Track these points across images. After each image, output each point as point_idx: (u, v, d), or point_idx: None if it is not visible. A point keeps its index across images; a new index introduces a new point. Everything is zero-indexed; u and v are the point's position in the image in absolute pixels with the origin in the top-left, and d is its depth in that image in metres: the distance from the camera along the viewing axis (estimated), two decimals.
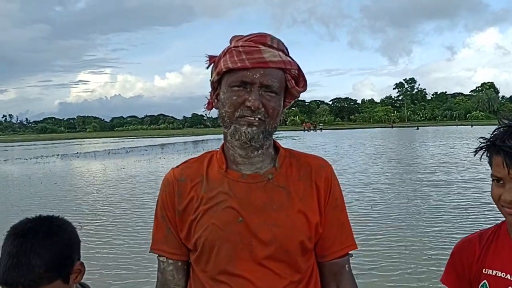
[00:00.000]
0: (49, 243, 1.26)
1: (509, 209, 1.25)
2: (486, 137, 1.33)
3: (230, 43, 1.29)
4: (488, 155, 1.32)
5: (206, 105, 1.39)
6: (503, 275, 1.31)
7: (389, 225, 8.00)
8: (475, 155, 1.35)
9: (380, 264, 5.97)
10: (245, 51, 1.23)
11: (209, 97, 1.37)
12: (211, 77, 1.32)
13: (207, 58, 1.34)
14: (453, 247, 1.46)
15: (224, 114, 1.27)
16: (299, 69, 1.30)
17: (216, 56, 1.31)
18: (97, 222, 9.30)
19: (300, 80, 1.32)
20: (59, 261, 1.27)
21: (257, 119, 1.23)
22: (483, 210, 8.73)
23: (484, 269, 1.34)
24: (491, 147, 1.29)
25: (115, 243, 7.57)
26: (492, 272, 1.32)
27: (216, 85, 1.31)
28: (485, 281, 1.34)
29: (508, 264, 1.31)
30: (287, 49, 1.30)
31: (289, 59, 1.28)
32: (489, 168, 1.31)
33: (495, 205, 1.31)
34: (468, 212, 8.68)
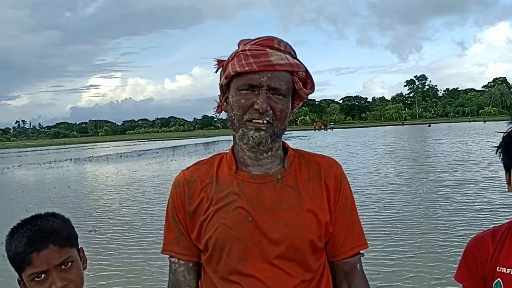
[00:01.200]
0: (60, 219, 1.39)
1: None
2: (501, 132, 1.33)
3: (238, 47, 1.31)
4: (503, 153, 1.32)
5: (216, 108, 1.41)
6: None
7: (403, 225, 7.93)
8: (497, 152, 1.36)
9: (394, 264, 5.93)
10: (253, 55, 1.24)
11: (218, 101, 1.39)
12: (220, 81, 1.34)
13: (216, 62, 1.36)
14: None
15: (233, 117, 1.28)
16: (306, 71, 1.31)
17: (225, 60, 1.33)
18: (110, 226, 9.38)
19: (307, 82, 1.33)
20: (72, 231, 1.39)
21: (265, 121, 1.25)
22: (499, 211, 8.53)
23: (498, 267, 1.33)
24: None
25: (128, 245, 7.63)
26: (506, 270, 1.32)
27: (225, 88, 1.33)
28: (499, 279, 1.33)
29: None
30: (294, 52, 1.31)
31: (296, 61, 1.29)
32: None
33: None
34: (484, 213, 8.49)
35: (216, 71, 1.36)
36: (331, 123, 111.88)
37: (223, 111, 1.38)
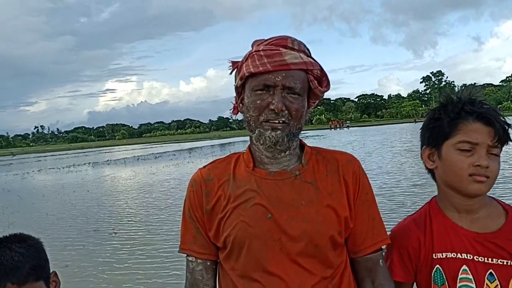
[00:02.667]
0: (25, 245, 1.29)
1: (480, 176, 1.24)
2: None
3: (252, 47, 1.32)
4: (443, 123, 1.31)
5: (232, 110, 1.41)
6: (454, 255, 1.30)
7: None
8: (429, 126, 1.36)
9: None
10: (267, 55, 1.25)
11: (234, 102, 1.39)
12: (235, 82, 1.34)
13: (230, 64, 1.36)
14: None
15: (249, 118, 1.29)
16: (321, 69, 1.31)
17: (239, 61, 1.33)
18: (129, 228, 9.43)
19: (323, 80, 1.33)
20: (39, 261, 1.29)
21: (281, 122, 1.25)
22: None
23: (434, 254, 1.33)
24: (462, 112, 1.28)
25: (147, 247, 7.67)
26: (443, 255, 1.32)
27: (240, 89, 1.33)
28: (437, 266, 1.33)
29: (455, 243, 1.31)
30: (308, 50, 1.31)
31: (311, 60, 1.29)
32: None
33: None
34: None
35: (230, 73, 1.36)
36: (347, 121, 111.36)
37: (239, 113, 1.38)
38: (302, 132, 1.33)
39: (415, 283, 1.43)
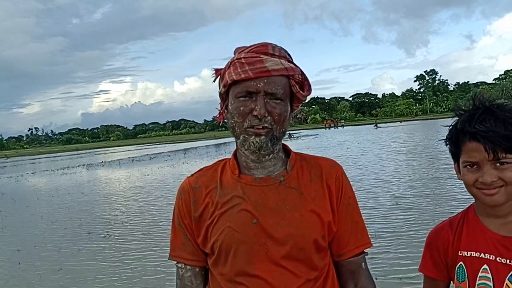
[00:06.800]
0: None
1: (488, 190, 1.29)
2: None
3: (234, 54, 1.35)
4: (451, 144, 1.37)
5: (218, 116, 1.44)
6: (477, 254, 1.36)
7: (418, 226, 7.88)
8: (446, 143, 1.40)
9: (405, 264, 5.90)
10: (248, 62, 1.27)
11: (219, 108, 1.42)
12: (219, 89, 1.37)
13: (213, 72, 1.40)
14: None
15: (234, 125, 1.31)
16: (302, 73, 1.34)
17: (222, 68, 1.36)
18: (124, 231, 9.44)
19: (304, 84, 1.36)
20: None
21: (264, 127, 1.28)
22: None
23: (459, 252, 1.39)
24: (460, 134, 1.33)
25: (141, 250, 7.68)
26: (467, 253, 1.38)
27: (224, 96, 1.36)
28: (461, 262, 1.39)
29: (481, 244, 1.37)
30: (290, 55, 1.34)
31: (292, 65, 1.31)
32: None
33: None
34: None
35: (214, 80, 1.40)
36: (342, 120, 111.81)
37: (224, 119, 1.41)
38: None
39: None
